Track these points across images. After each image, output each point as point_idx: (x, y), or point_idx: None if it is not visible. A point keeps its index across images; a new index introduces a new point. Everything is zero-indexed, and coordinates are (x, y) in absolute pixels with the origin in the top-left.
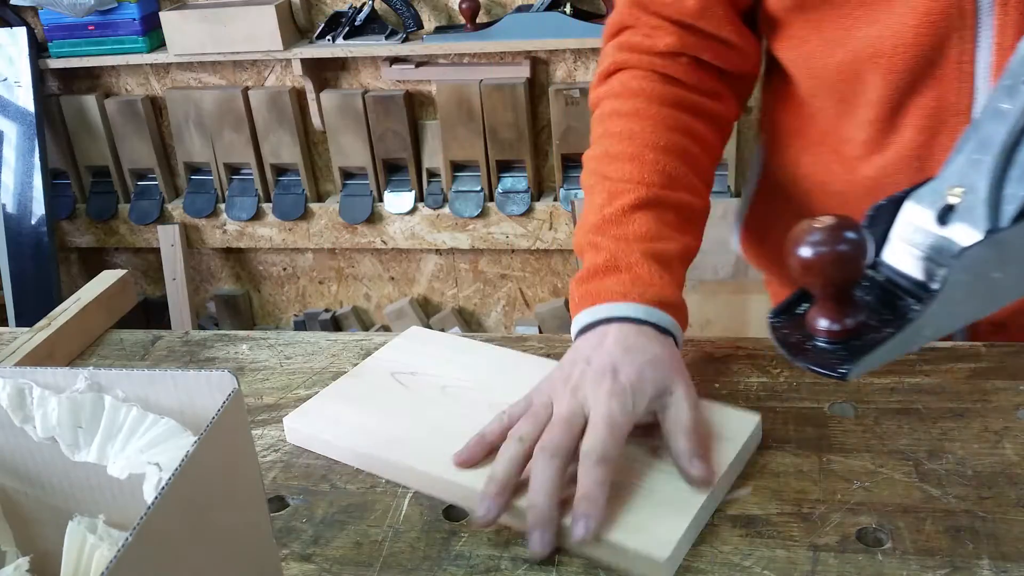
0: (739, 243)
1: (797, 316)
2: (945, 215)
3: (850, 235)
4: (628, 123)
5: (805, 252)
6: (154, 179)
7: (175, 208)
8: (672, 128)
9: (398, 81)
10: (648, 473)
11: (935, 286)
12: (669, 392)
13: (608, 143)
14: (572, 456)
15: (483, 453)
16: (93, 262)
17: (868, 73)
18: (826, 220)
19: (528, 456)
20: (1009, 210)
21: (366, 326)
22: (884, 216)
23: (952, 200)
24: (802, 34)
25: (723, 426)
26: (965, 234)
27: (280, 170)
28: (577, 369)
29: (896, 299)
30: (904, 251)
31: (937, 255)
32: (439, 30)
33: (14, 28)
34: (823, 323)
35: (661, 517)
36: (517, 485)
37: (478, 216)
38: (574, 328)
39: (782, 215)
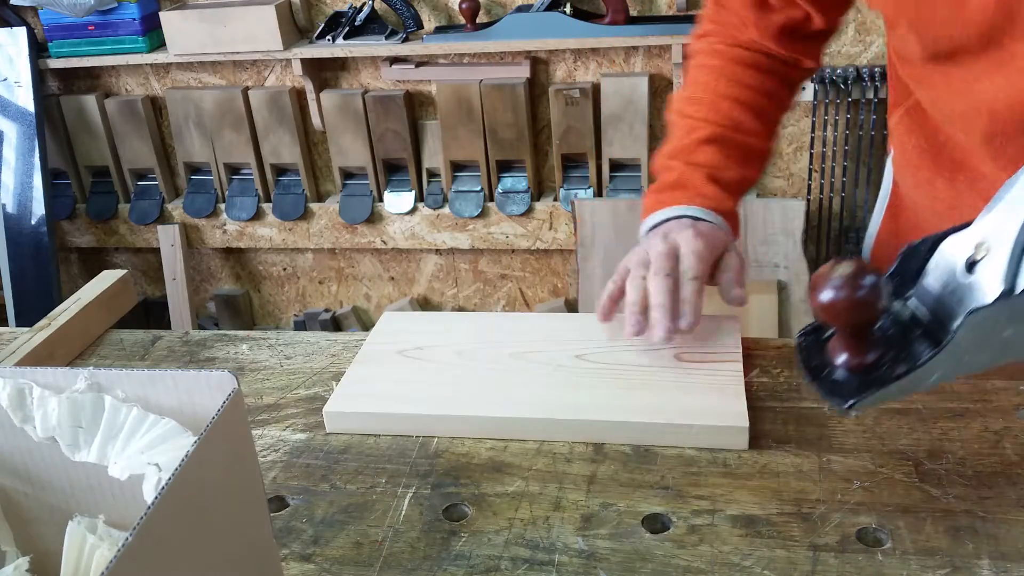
0: (870, 254)
1: (823, 340)
2: (971, 266)
3: (867, 281)
4: (709, 75)
5: (825, 296)
6: (154, 179)
7: (175, 208)
8: (745, 84)
9: (398, 81)
10: (688, 378)
11: (946, 337)
12: (727, 250)
13: (692, 89)
14: (676, 278)
15: (613, 305)
16: (93, 262)
17: (993, 123)
18: (846, 267)
19: (644, 286)
20: None
21: (366, 326)
22: (919, 254)
23: (977, 255)
24: (932, 79)
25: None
26: (984, 289)
27: (280, 170)
28: (655, 247)
29: (913, 339)
30: (931, 292)
31: (957, 304)
32: (439, 30)
33: (14, 28)
34: (841, 356)
35: (724, 400)
36: (645, 305)
37: (478, 216)
38: (645, 226)
39: (911, 231)
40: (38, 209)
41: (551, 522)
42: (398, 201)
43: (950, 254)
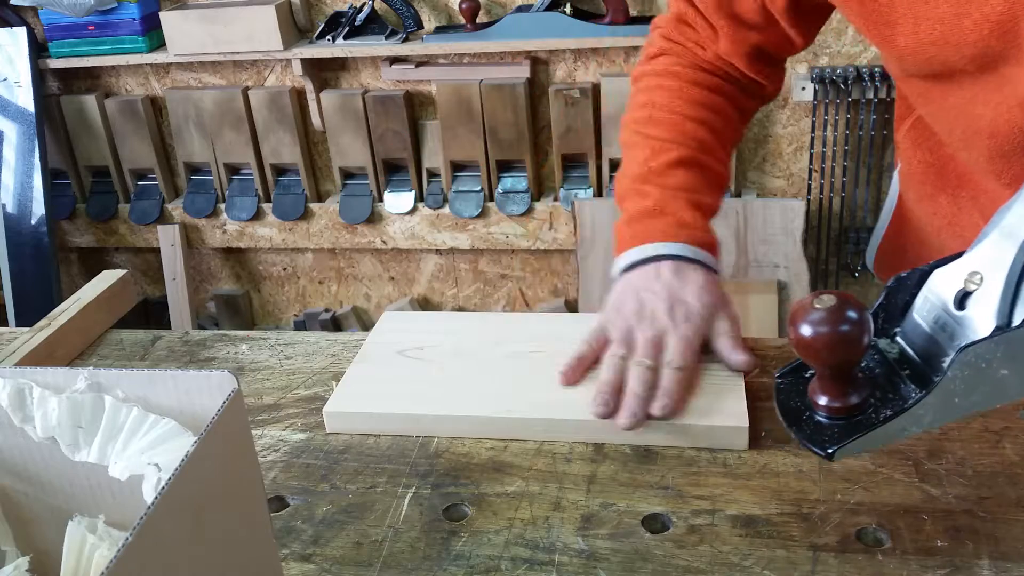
0: (872, 264)
1: (803, 380)
2: (963, 300)
3: (851, 316)
4: (668, 96)
5: (804, 331)
6: (154, 179)
7: (175, 208)
8: (706, 106)
9: (398, 81)
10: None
11: (936, 377)
12: (718, 312)
13: (651, 110)
14: (657, 369)
15: (582, 370)
16: (93, 262)
17: (995, 144)
18: (828, 300)
19: (623, 368)
20: (1020, 310)
21: (366, 326)
22: (907, 287)
23: (970, 287)
24: (930, 95)
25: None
26: (977, 324)
27: (280, 170)
28: (648, 302)
29: (901, 380)
30: (920, 328)
31: (948, 340)
32: (439, 30)
33: (14, 28)
34: (822, 399)
35: (724, 400)
36: (619, 387)
37: (478, 216)
38: (623, 262)
39: (913, 245)
40: (38, 209)
41: (551, 522)
42: (398, 201)
43: (940, 287)
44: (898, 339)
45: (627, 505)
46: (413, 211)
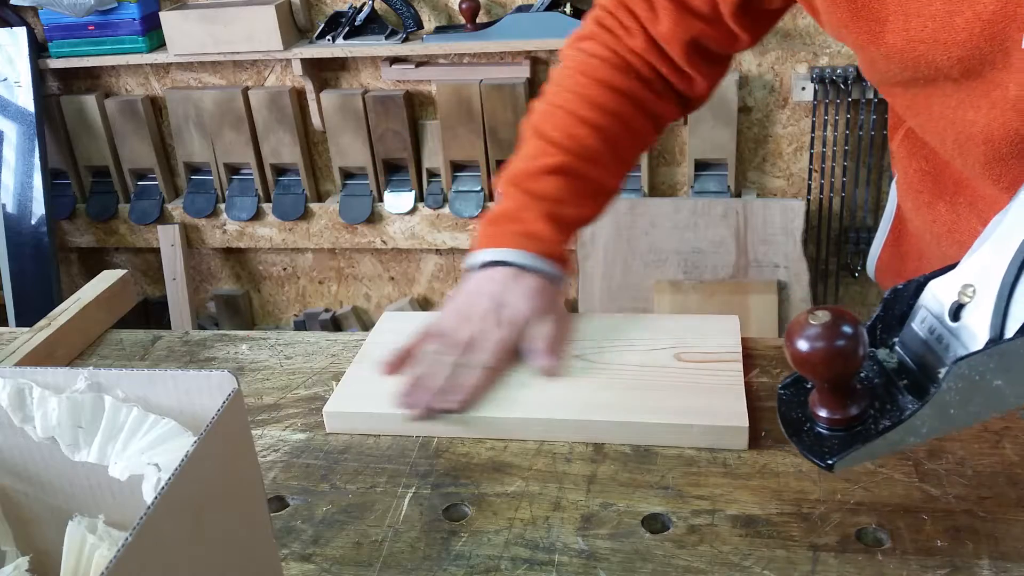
0: (873, 273)
1: (804, 391)
2: (957, 311)
3: (846, 331)
4: (573, 92)
5: (801, 347)
6: (154, 179)
7: (175, 208)
8: (610, 112)
9: (398, 81)
10: (687, 378)
11: (932, 388)
12: (544, 317)
13: (553, 104)
14: (463, 367)
15: (400, 362)
16: (93, 262)
17: (990, 151)
18: (823, 316)
19: (432, 363)
20: (1017, 320)
21: (366, 326)
22: (904, 298)
23: (963, 299)
24: (915, 106)
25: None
26: (970, 336)
27: (280, 170)
28: (475, 304)
29: (899, 390)
30: (918, 339)
31: (944, 351)
32: (439, 30)
33: (14, 28)
34: (821, 411)
35: (724, 400)
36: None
37: (478, 216)
38: (470, 261)
39: (913, 254)
40: (38, 209)
41: (551, 522)
42: (398, 201)
43: (935, 298)
44: (896, 349)
45: (627, 505)
46: (413, 211)
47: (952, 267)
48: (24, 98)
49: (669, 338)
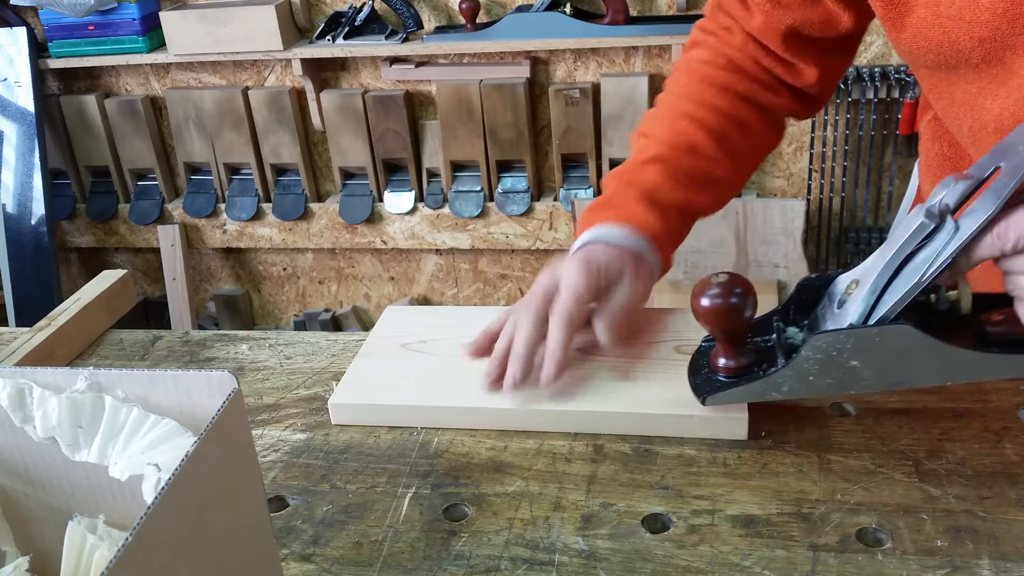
0: None
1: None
2: (843, 302)
3: (738, 291)
4: (678, 95)
5: (704, 302)
6: (154, 179)
7: (175, 208)
8: (710, 106)
9: (398, 81)
10: (684, 367)
11: (795, 355)
12: (618, 282)
13: (658, 108)
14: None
15: (487, 342)
16: (93, 262)
17: (993, 142)
18: (722, 277)
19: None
20: (877, 313)
21: (366, 326)
22: (814, 287)
23: (849, 291)
24: (938, 90)
25: None
26: (844, 321)
27: (280, 170)
28: (544, 283)
29: (783, 356)
30: (817, 322)
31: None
32: (439, 30)
33: (14, 28)
34: (719, 360)
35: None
36: (507, 357)
37: (478, 216)
38: (572, 247)
39: None
40: (38, 209)
41: (551, 522)
42: (398, 201)
43: (835, 288)
44: (804, 329)
45: (627, 505)
46: (413, 211)
47: (855, 267)
48: (24, 98)
49: (669, 331)
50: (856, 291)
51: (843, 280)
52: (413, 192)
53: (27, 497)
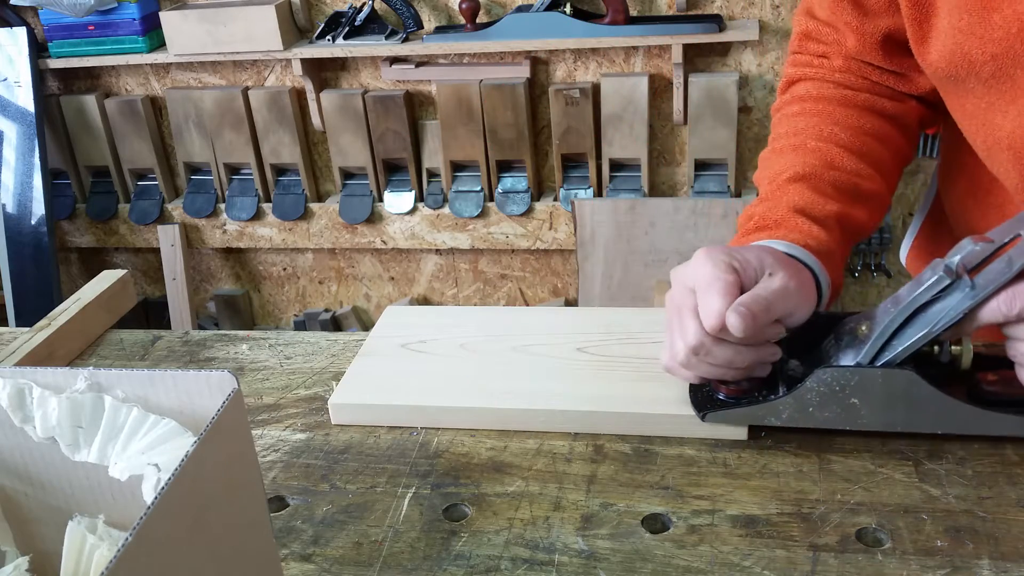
0: (905, 260)
1: None
2: (851, 342)
3: None
4: (794, 122)
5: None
6: (154, 179)
7: (175, 208)
8: (838, 122)
9: (398, 81)
10: None
11: (799, 384)
12: (768, 272)
13: (775, 143)
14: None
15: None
16: (93, 262)
17: (1015, 159)
18: None
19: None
20: (884, 357)
21: (366, 326)
22: (818, 326)
23: (859, 333)
24: (951, 102)
25: None
26: (849, 359)
27: (280, 170)
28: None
29: (785, 384)
30: (819, 358)
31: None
32: (439, 30)
33: (14, 28)
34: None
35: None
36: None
37: (478, 216)
38: None
39: (945, 243)
40: (38, 209)
41: (551, 522)
42: (398, 201)
43: (844, 329)
44: (805, 363)
45: (627, 505)
46: (413, 211)
47: (869, 310)
48: (24, 98)
49: None
50: (866, 333)
51: (852, 321)
52: (413, 192)
53: (27, 497)
